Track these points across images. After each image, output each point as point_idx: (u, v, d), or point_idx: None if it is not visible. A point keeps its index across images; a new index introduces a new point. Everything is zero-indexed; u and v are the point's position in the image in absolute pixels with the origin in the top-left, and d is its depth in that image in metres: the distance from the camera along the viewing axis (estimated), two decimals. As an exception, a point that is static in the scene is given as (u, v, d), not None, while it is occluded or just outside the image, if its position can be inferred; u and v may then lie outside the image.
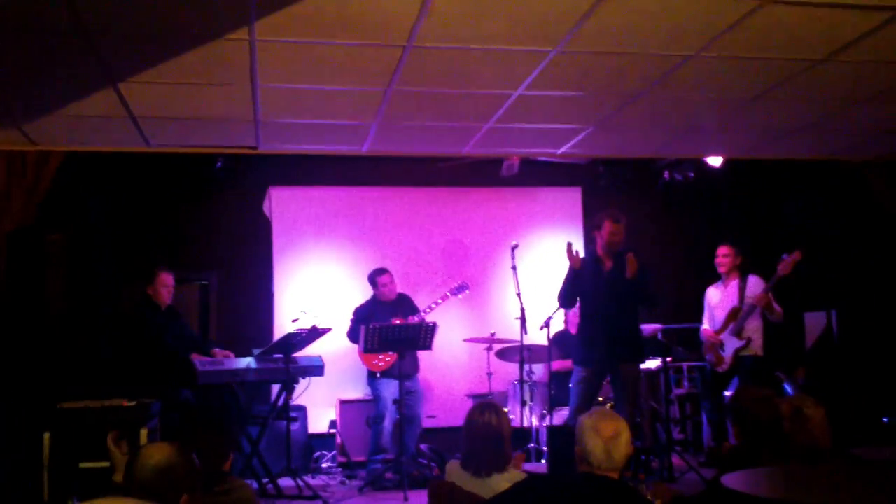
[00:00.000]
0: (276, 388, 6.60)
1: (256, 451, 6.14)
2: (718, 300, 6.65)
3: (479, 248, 8.34)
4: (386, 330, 6.31)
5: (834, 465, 3.34)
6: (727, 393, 6.47)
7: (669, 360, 7.13)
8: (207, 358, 6.15)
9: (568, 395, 6.20)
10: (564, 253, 5.82)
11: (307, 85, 4.70)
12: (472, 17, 3.78)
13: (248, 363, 6.19)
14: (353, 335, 6.81)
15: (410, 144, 6.16)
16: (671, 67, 4.52)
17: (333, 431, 7.46)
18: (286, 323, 7.11)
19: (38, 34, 3.86)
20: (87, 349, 6.94)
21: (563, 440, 5.44)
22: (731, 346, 6.43)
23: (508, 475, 3.46)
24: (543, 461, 6.48)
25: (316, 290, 7.89)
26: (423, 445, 7.03)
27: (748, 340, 6.38)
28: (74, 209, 7.21)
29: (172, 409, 5.76)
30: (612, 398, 6.18)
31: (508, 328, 7.27)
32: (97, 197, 7.41)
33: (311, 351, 6.55)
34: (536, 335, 6.81)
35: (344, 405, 7.51)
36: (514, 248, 6.83)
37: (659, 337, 7.19)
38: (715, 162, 7.39)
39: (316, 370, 6.43)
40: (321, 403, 7.44)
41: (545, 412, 6.88)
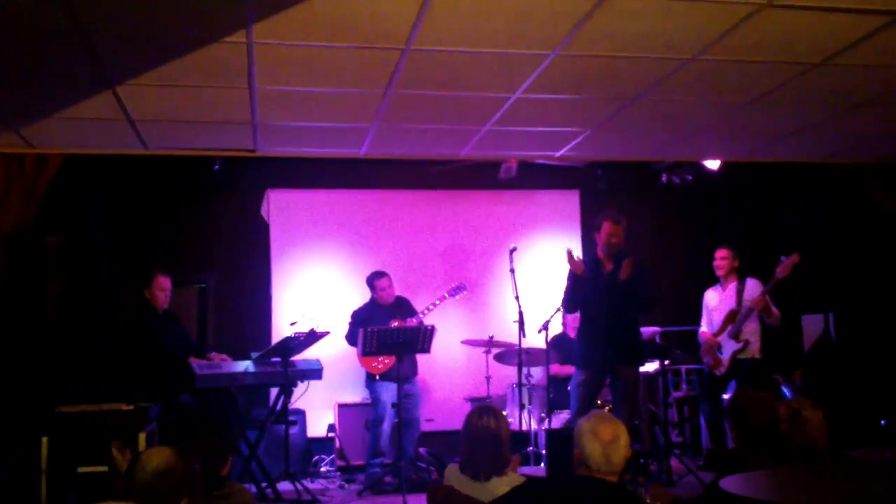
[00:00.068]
0: (274, 391, 6.60)
1: (255, 454, 6.12)
2: (716, 303, 6.65)
3: (477, 251, 8.34)
4: (384, 333, 6.31)
5: (832, 467, 3.34)
6: (725, 396, 6.46)
7: (668, 362, 7.12)
8: (205, 361, 6.15)
9: (566, 398, 6.20)
10: (564, 258, 5.81)
11: (305, 88, 4.70)
12: (470, 20, 3.79)
13: (246, 367, 6.17)
14: (351, 338, 6.81)
15: (408, 147, 6.17)
16: (669, 71, 4.53)
17: (332, 435, 7.45)
18: (284, 326, 7.11)
19: (35, 37, 3.86)
20: (85, 352, 6.92)
21: (561, 443, 5.45)
22: (728, 348, 6.43)
23: (507, 479, 3.45)
24: (542, 464, 6.48)
25: (314, 293, 7.89)
26: (421, 449, 7.03)
27: (746, 343, 6.37)
28: (73, 211, 7.18)
29: (171, 412, 5.76)
30: (609, 401, 6.18)
31: (507, 331, 7.27)
32: (96, 199, 7.40)
33: (309, 354, 6.54)
34: (535, 338, 6.81)
35: (342, 409, 7.51)
36: (512, 250, 6.82)
37: (657, 340, 7.19)
38: (713, 165, 7.40)
39: (314, 374, 6.42)
40: (320, 407, 7.43)
41: (544, 415, 6.87)
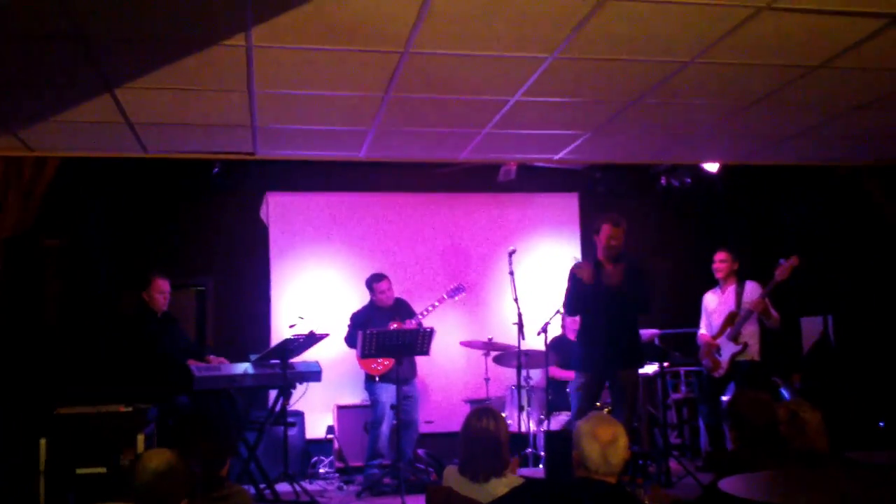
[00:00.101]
0: (273, 393, 6.59)
1: (254, 456, 6.13)
2: (716, 305, 6.66)
3: (476, 253, 8.34)
4: (383, 335, 6.31)
5: (830, 469, 3.34)
6: (724, 398, 6.47)
7: (667, 364, 7.12)
8: (204, 364, 6.15)
9: (565, 400, 6.21)
10: (567, 264, 5.80)
11: (304, 91, 4.71)
12: (468, 23, 3.79)
13: (245, 368, 6.18)
14: (350, 340, 6.81)
15: (408, 150, 6.17)
16: (668, 74, 4.53)
17: (331, 437, 7.45)
18: (283, 328, 7.11)
19: (34, 39, 3.86)
20: (84, 354, 6.92)
21: (560, 445, 5.46)
22: (727, 350, 6.43)
23: (506, 480, 3.45)
24: (541, 466, 6.48)
25: (313, 295, 7.89)
26: (420, 450, 7.03)
27: (745, 345, 6.37)
28: (72, 214, 7.19)
29: (169, 414, 5.76)
30: (608, 403, 6.18)
31: (506, 333, 7.27)
32: (95, 202, 7.41)
33: (308, 356, 6.54)
34: (534, 340, 6.81)
35: (341, 410, 7.51)
36: (511, 253, 6.83)
37: (656, 342, 7.19)
38: (712, 167, 7.40)
39: (313, 375, 6.42)
40: (318, 409, 7.43)
41: (542, 417, 6.87)
